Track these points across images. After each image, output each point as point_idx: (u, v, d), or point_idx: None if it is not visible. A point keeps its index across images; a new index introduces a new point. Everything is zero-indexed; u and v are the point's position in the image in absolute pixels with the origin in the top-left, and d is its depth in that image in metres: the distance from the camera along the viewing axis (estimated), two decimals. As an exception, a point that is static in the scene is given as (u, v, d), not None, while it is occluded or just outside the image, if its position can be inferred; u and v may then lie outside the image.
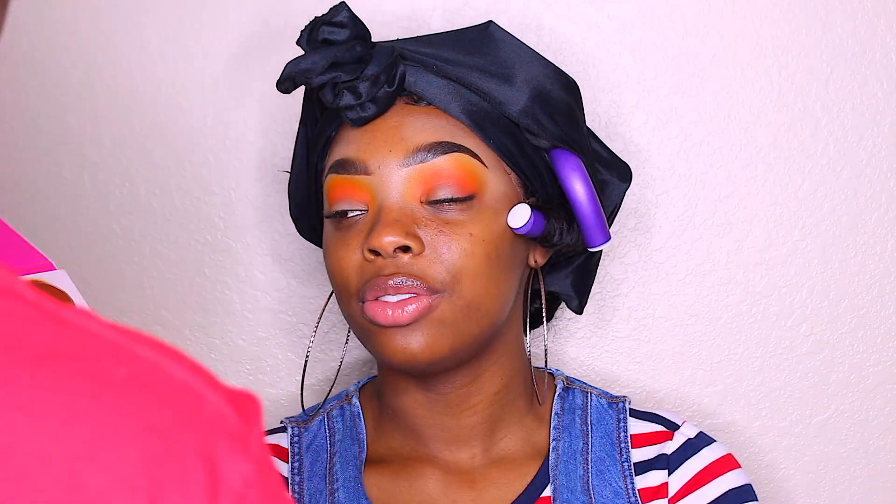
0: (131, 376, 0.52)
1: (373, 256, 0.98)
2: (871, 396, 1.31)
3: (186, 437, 0.52)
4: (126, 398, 0.52)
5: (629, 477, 1.07)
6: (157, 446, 0.51)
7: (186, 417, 0.52)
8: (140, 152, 1.31)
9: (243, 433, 0.54)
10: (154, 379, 0.53)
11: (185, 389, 0.54)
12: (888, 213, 1.29)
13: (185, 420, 0.52)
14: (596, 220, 1.04)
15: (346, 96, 0.99)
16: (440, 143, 1.00)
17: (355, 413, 1.12)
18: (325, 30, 0.99)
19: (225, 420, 0.53)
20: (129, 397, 0.52)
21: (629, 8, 1.27)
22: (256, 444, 0.54)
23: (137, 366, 0.53)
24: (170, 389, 0.53)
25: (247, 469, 0.53)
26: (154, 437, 0.51)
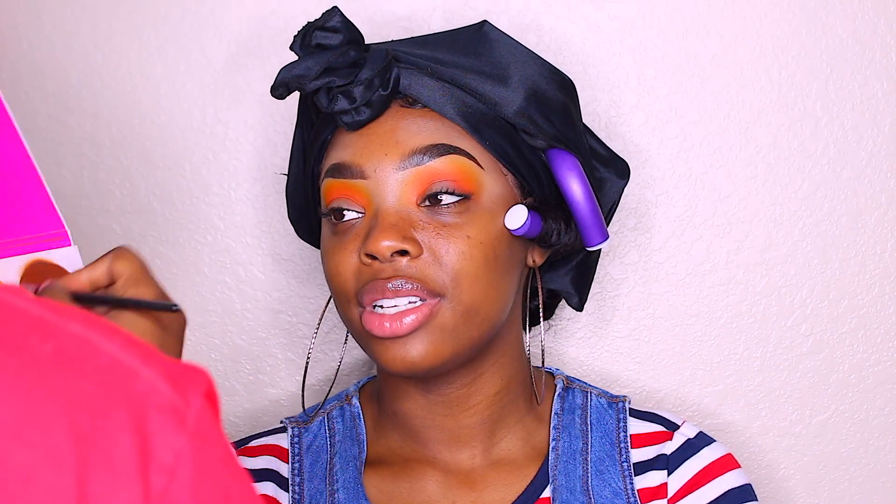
0: (58, 351, 0.52)
1: (370, 261, 0.98)
2: (871, 396, 1.31)
3: (115, 412, 0.51)
4: (52, 374, 0.51)
5: (629, 477, 1.07)
6: (85, 421, 0.50)
7: (115, 392, 0.52)
8: (140, 152, 1.31)
9: (178, 406, 0.53)
10: (82, 354, 0.53)
11: (115, 364, 0.53)
12: (888, 213, 1.29)
13: (114, 394, 0.52)
14: (593, 220, 1.04)
15: (340, 101, 0.99)
16: (436, 145, 0.99)
17: (355, 413, 1.12)
18: (318, 35, 0.99)
19: (157, 394, 0.53)
20: (56, 373, 0.51)
21: (629, 8, 1.27)
22: (195, 416, 0.54)
23: (65, 341, 0.53)
24: (98, 364, 0.53)
25: (179, 442, 0.52)
26: (81, 412, 0.51)
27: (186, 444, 0.52)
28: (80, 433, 0.50)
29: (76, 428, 0.50)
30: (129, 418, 0.51)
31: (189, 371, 0.55)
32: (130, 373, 0.53)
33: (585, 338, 1.30)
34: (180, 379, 0.54)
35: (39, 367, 0.51)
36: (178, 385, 0.54)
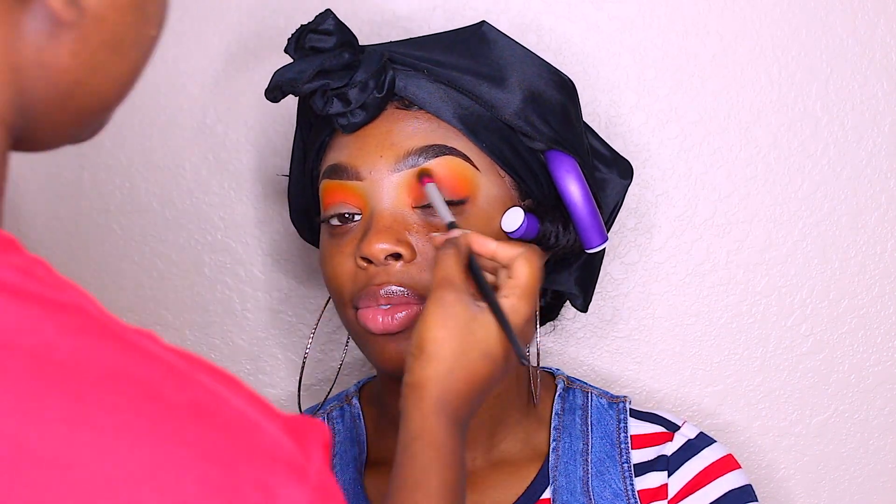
0: (192, 402, 0.53)
1: (365, 264, 0.98)
2: (871, 396, 1.31)
3: (243, 467, 0.53)
4: (187, 424, 0.53)
5: (629, 478, 1.06)
6: (215, 474, 0.52)
7: (243, 447, 0.53)
8: (140, 152, 1.31)
9: (300, 461, 0.54)
10: (213, 407, 0.54)
11: (243, 418, 0.54)
12: (888, 213, 1.29)
13: (242, 449, 0.53)
14: (592, 222, 1.03)
15: (335, 103, 0.98)
16: (431, 146, 0.99)
17: (355, 414, 1.12)
18: (312, 37, 0.99)
19: (281, 450, 0.54)
20: (190, 423, 0.53)
21: (629, 8, 1.27)
22: (315, 471, 0.55)
23: (198, 392, 0.54)
24: (228, 418, 0.54)
25: (303, 497, 0.54)
26: (212, 464, 0.52)
27: (309, 498, 0.54)
28: (211, 485, 0.51)
29: (207, 479, 0.51)
30: (255, 472, 0.53)
31: (308, 424, 0.57)
32: (256, 427, 0.54)
33: (586, 338, 1.30)
34: (300, 433, 0.56)
35: (176, 416, 0.52)
36: (299, 439, 0.55)
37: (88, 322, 0.54)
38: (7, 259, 0.55)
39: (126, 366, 0.53)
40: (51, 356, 0.52)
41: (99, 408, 0.51)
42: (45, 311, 0.53)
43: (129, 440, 0.51)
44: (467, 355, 0.84)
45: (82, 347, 0.53)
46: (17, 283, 0.54)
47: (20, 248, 0.56)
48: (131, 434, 0.51)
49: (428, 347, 0.84)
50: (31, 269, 0.55)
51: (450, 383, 0.84)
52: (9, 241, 0.56)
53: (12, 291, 0.53)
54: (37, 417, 0.50)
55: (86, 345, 0.53)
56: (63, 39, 0.61)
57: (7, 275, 0.54)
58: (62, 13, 0.59)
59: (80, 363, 0.52)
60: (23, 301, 0.53)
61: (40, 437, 0.50)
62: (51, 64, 0.61)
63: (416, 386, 0.84)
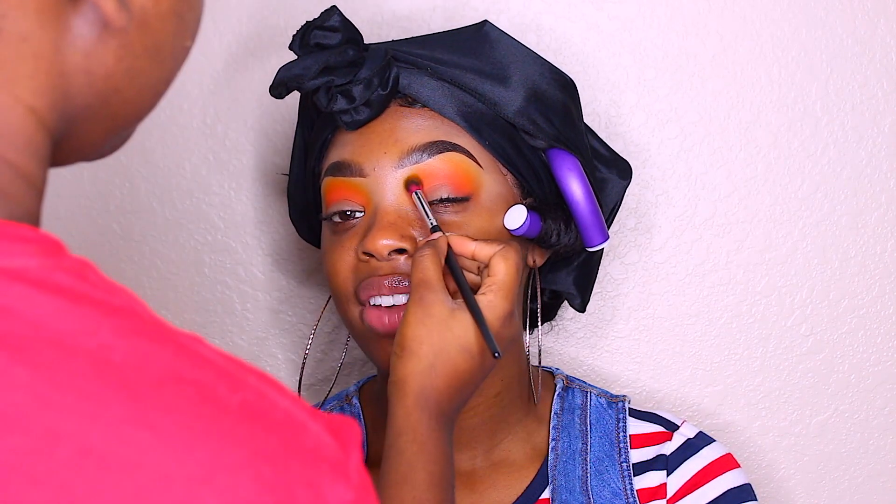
0: (244, 403, 0.54)
1: (367, 258, 0.98)
2: (871, 396, 1.31)
3: (293, 465, 0.54)
4: (240, 424, 0.54)
5: (628, 478, 1.06)
6: (268, 473, 0.53)
7: (293, 445, 0.54)
8: (140, 152, 1.31)
9: (343, 461, 0.56)
10: (264, 407, 0.55)
11: (291, 419, 0.55)
12: (888, 213, 1.29)
13: (292, 448, 0.54)
14: (593, 220, 1.03)
15: (339, 100, 0.98)
16: (434, 142, 0.99)
17: (355, 414, 1.12)
18: (317, 34, 0.99)
19: (326, 448, 0.55)
20: (243, 423, 0.54)
21: (629, 8, 1.27)
22: (356, 470, 0.56)
23: (248, 393, 0.55)
24: (277, 418, 0.55)
25: (348, 496, 0.55)
26: (265, 463, 0.53)
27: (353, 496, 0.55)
28: (264, 484, 0.52)
29: (261, 478, 0.52)
30: (304, 471, 0.54)
31: (346, 424, 0.58)
32: (302, 427, 0.56)
33: (585, 337, 1.30)
34: (340, 432, 0.57)
35: (230, 417, 0.53)
36: (339, 438, 0.56)
37: (142, 325, 0.55)
38: (60, 262, 0.55)
39: (181, 368, 0.54)
40: (109, 358, 0.53)
41: (158, 409, 0.52)
42: (100, 314, 0.54)
43: (187, 441, 0.52)
44: (447, 351, 0.87)
45: (138, 350, 0.54)
46: (71, 286, 0.54)
47: (66, 251, 0.57)
48: (189, 435, 0.52)
49: (408, 345, 0.88)
50: (83, 272, 0.56)
51: (430, 379, 0.87)
52: (56, 244, 0.56)
53: (69, 294, 0.54)
54: (99, 418, 0.51)
55: (142, 347, 0.54)
56: (109, 45, 0.61)
57: (62, 278, 0.54)
58: (114, 17, 0.60)
59: (137, 365, 0.53)
60: (79, 304, 0.54)
61: (103, 437, 0.51)
62: (96, 70, 0.61)
63: (398, 383, 0.87)
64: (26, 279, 0.54)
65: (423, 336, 0.88)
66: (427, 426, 0.85)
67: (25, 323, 0.53)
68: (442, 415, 0.87)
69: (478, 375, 0.90)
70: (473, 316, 0.89)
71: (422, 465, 0.84)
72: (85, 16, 0.60)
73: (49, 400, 0.51)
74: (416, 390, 0.86)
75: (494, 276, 0.91)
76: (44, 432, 0.50)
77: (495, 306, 0.90)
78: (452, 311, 0.89)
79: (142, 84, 0.63)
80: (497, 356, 0.88)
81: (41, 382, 0.51)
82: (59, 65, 0.60)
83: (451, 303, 0.90)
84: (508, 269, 0.92)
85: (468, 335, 0.88)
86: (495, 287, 0.91)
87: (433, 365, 0.87)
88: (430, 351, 0.87)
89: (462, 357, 0.88)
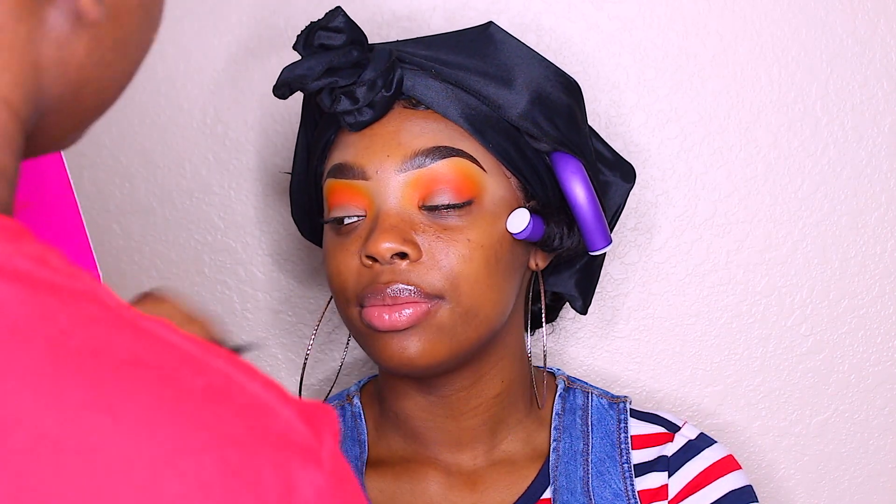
0: (208, 387, 0.54)
1: (370, 262, 0.98)
2: (871, 396, 1.31)
3: (260, 449, 0.53)
4: (204, 408, 0.53)
5: (629, 479, 1.06)
6: (233, 456, 0.52)
7: (260, 429, 0.54)
8: (140, 152, 1.31)
9: (314, 446, 0.55)
10: (229, 391, 0.54)
11: (259, 402, 0.55)
12: (888, 213, 1.29)
13: (259, 432, 0.54)
14: (596, 224, 1.03)
15: (343, 101, 0.98)
16: (438, 147, 0.99)
17: (356, 413, 1.12)
18: (322, 35, 0.99)
19: (296, 433, 0.55)
20: (207, 407, 0.53)
21: (629, 8, 1.27)
22: (329, 455, 0.55)
23: (214, 377, 0.54)
24: (244, 402, 0.54)
25: (319, 480, 0.54)
26: (230, 447, 0.52)
27: (325, 481, 0.54)
28: (229, 467, 0.52)
29: (225, 462, 0.52)
30: (272, 455, 0.53)
31: (320, 410, 0.57)
32: (271, 412, 0.55)
33: (586, 338, 1.30)
34: (313, 418, 0.56)
35: (193, 401, 0.53)
36: (312, 424, 0.56)
37: (103, 310, 0.54)
38: (20, 248, 0.55)
39: (142, 353, 0.53)
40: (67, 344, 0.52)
41: (117, 394, 0.51)
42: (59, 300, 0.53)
43: (148, 425, 0.51)
44: None
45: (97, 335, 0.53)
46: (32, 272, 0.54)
47: (32, 238, 0.56)
48: (150, 419, 0.51)
49: None
50: (45, 258, 0.55)
51: None
52: (21, 230, 0.56)
53: (27, 280, 0.53)
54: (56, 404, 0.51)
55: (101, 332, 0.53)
56: (82, 37, 0.61)
57: (21, 263, 0.54)
58: (90, 10, 0.59)
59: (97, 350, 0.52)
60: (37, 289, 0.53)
61: (60, 423, 0.50)
62: (68, 61, 0.61)
63: None
64: None
65: None
66: None
67: None
68: None
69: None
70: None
71: None
72: (59, 8, 0.59)
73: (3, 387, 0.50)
74: None
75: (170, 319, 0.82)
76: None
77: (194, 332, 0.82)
78: None
79: (110, 76, 0.63)
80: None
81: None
82: (32, 57, 0.59)
83: None
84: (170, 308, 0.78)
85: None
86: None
87: None
88: None
89: None
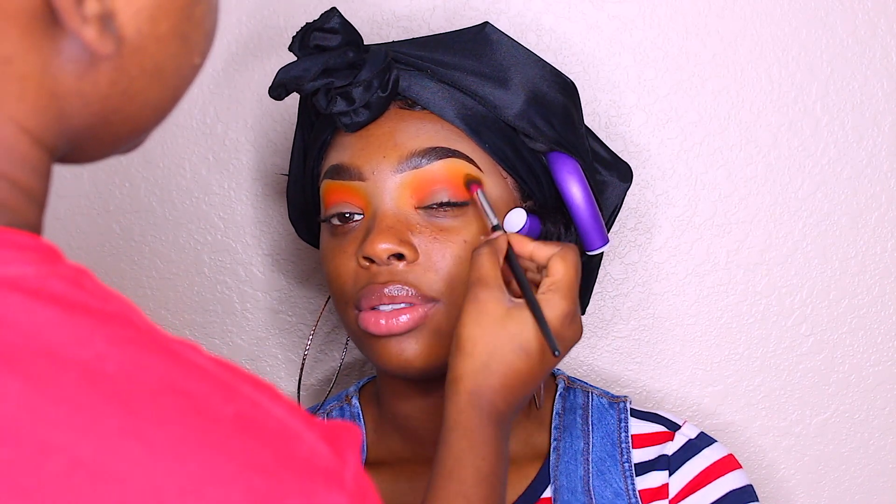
0: (237, 415, 0.54)
1: (367, 263, 0.98)
2: (871, 396, 1.31)
3: (286, 476, 0.54)
4: (233, 436, 0.54)
5: (630, 478, 1.06)
6: (260, 485, 0.53)
7: (286, 456, 0.54)
8: (140, 152, 1.31)
9: (337, 468, 0.56)
10: (257, 418, 0.55)
11: (284, 428, 0.55)
12: (888, 213, 1.29)
13: (285, 459, 0.54)
14: (593, 224, 1.03)
15: (339, 102, 0.98)
16: (434, 148, 0.99)
17: (355, 414, 1.12)
18: (317, 36, 0.99)
19: (321, 457, 0.56)
20: (236, 436, 0.54)
21: (629, 8, 1.27)
22: (352, 476, 0.56)
23: (242, 404, 0.55)
24: (271, 428, 0.55)
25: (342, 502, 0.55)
26: (257, 475, 0.53)
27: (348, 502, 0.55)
28: (256, 496, 0.53)
29: (252, 491, 0.53)
30: (297, 482, 0.54)
31: (342, 430, 0.58)
32: (296, 437, 0.56)
33: (586, 338, 1.30)
34: (336, 439, 0.57)
35: (223, 429, 0.54)
36: (334, 446, 0.57)
37: (136, 333, 0.55)
38: (54, 269, 0.55)
39: (175, 378, 0.54)
40: (103, 369, 0.53)
41: (150, 421, 0.52)
42: (95, 323, 0.54)
43: (179, 454, 0.52)
44: (501, 350, 0.87)
45: (132, 360, 0.53)
46: (66, 294, 0.54)
47: (63, 258, 0.56)
48: (181, 447, 0.52)
49: (463, 345, 0.88)
50: (79, 280, 0.55)
51: (484, 377, 0.87)
52: (53, 251, 0.56)
53: (62, 303, 0.54)
54: (91, 430, 0.51)
55: (136, 357, 0.54)
56: (102, 69, 0.60)
57: (57, 285, 0.54)
58: (97, 47, 0.59)
59: (131, 376, 0.53)
60: (73, 313, 0.54)
61: (94, 450, 0.51)
62: (89, 93, 0.61)
63: (453, 381, 0.88)
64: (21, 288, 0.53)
65: (476, 335, 0.87)
66: (478, 424, 0.85)
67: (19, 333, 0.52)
68: (496, 413, 0.87)
69: (536, 374, 0.89)
70: (532, 312, 0.88)
71: (470, 460, 0.84)
72: (70, 44, 0.59)
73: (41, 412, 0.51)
74: (470, 388, 0.86)
75: (553, 275, 0.90)
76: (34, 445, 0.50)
77: (554, 305, 0.89)
78: (509, 309, 0.88)
79: (143, 103, 0.63)
80: (556, 354, 0.87)
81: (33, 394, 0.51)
82: (49, 87, 0.59)
83: (507, 301, 0.89)
84: (568, 269, 0.90)
85: (525, 334, 0.88)
86: (554, 286, 0.90)
87: (487, 364, 0.87)
88: (483, 350, 0.87)
89: (517, 355, 0.87)
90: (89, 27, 0.58)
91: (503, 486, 0.86)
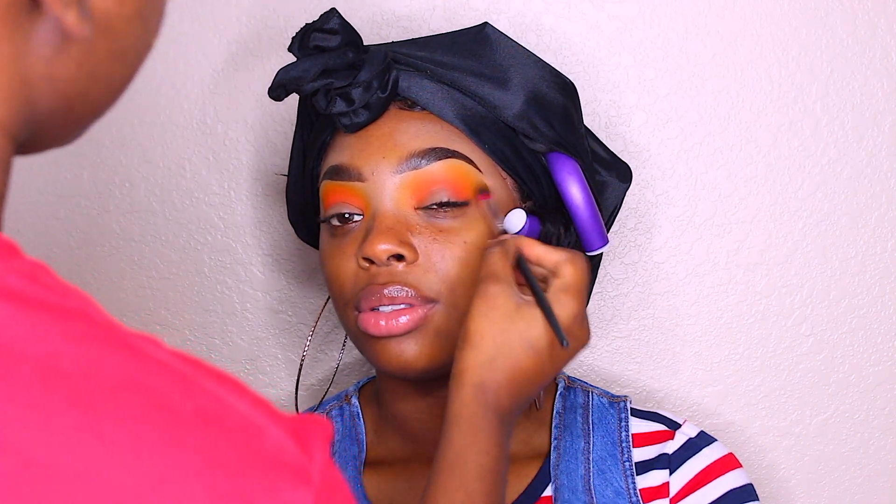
0: (199, 410, 0.53)
1: (367, 264, 0.98)
2: (871, 396, 1.31)
3: (249, 473, 0.53)
4: (194, 432, 0.53)
5: (630, 476, 1.06)
6: (223, 481, 0.52)
7: (249, 452, 0.53)
8: (140, 152, 1.31)
9: (303, 464, 0.55)
10: (219, 413, 0.54)
11: (248, 424, 0.54)
12: (888, 213, 1.29)
13: (248, 455, 0.53)
14: (593, 225, 1.03)
15: (338, 103, 0.98)
16: (434, 149, 0.99)
17: (355, 413, 1.12)
18: (317, 36, 0.99)
19: (285, 453, 0.54)
20: (197, 431, 0.53)
21: (629, 8, 1.27)
22: (319, 469, 0.55)
23: (204, 399, 0.54)
24: (234, 424, 0.54)
25: (308, 499, 0.54)
26: (219, 472, 0.52)
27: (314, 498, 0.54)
28: (218, 493, 0.52)
29: (214, 488, 0.52)
30: (261, 478, 0.53)
31: (310, 423, 0.57)
32: (260, 432, 0.55)
33: (585, 338, 1.30)
34: (303, 434, 0.56)
35: (182, 426, 0.52)
36: (301, 440, 0.56)
37: (94, 329, 0.54)
38: (10, 265, 0.54)
39: (133, 374, 0.53)
40: (59, 365, 0.51)
41: (108, 418, 0.51)
42: (51, 318, 0.53)
43: (137, 451, 0.51)
44: (509, 344, 0.87)
45: (89, 355, 0.52)
46: (23, 290, 0.53)
47: (21, 253, 0.56)
48: (140, 444, 0.51)
49: (471, 338, 0.87)
50: (35, 275, 0.54)
51: (489, 371, 0.86)
52: (10, 246, 0.55)
53: (18, 298, 0.53)
54: (45, 429, 0.50)
55: (93, 352, 0.53)
56: (71, 52, 0.60)
57: (12, 281, 0.53)
58: (76, 29, 0.59)
59: (88, 372, 0.52)
60: (29, 308, 0.53)
61: (48, 448, 0.50)
62: (58, 76, 0.60)
63: (457, 374, 0.87)
64: None
65: (484, 329, 0.87)
66: (482, 417, 0.85)
67: None
68: (500, 408, 0.86)
69: (546, 373, 0.89)
70: (541, 308, 0.88)
71: (472, 454, 0.84)
72: (46, 26, 0.59)
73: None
74: (475, 382, 0.86)
75: (563, 277, 0.90)
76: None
77: (565, 304, 0.88)
78: (518, 305, 0.88)
79: (106, 85, 0.63)
80: (565, 344, 0.87)
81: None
82: (21, 74, 0.59)
83: (517, 297, 0.88)
84: (577, 272, 0.90)
85: (534, 331, 0.87)
86: (563, 287, 0.89)
87: (494, 358, 0.86)
88: (491, 344, 0.87)
89: (525, 352, 0.87)
90: (70, 11, 0.58)
91: (504, 484, 0.85)
